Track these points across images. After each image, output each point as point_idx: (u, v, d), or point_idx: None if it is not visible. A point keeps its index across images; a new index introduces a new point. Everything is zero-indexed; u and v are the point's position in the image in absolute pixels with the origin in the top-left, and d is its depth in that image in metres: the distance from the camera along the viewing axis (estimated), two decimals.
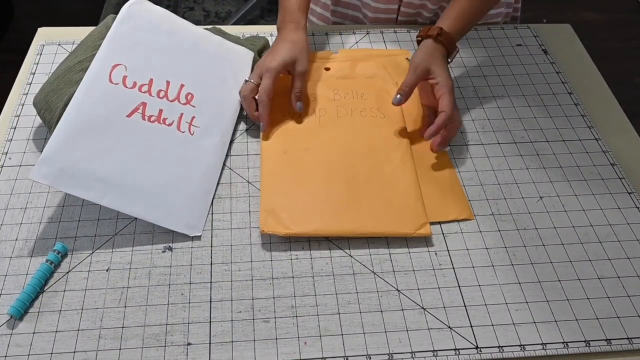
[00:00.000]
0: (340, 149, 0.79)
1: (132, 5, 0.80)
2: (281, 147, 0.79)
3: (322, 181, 0.75)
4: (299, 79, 0.82)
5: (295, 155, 0.78)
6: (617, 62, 2.17)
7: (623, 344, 0.63)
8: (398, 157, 0.78)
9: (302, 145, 0.79)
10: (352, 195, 0.73)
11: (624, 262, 0.70)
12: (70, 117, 0.70)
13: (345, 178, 0.75)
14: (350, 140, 0.80)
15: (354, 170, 0.76)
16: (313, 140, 0.80)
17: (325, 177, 0.75)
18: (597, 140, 0.83)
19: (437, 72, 0.78)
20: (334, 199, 0.73)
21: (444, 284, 0.67)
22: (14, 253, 0.68)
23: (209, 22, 2.31)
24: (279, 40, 0.84)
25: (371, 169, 0.76)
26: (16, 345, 0.61)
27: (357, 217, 0.71)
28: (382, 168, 0.77)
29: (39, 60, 0.91)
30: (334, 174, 0.76)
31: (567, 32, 1.01)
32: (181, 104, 0.78)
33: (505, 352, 0.62)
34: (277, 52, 0.81)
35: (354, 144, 0.79)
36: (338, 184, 0.75)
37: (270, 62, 0.80)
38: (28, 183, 0.75)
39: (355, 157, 0.78)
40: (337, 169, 0.76)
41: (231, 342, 0.62)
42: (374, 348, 0.62)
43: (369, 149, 0.79)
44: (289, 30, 0.84)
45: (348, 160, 0.77)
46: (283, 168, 0.77)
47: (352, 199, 0.73)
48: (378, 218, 0.71)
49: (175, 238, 0.70)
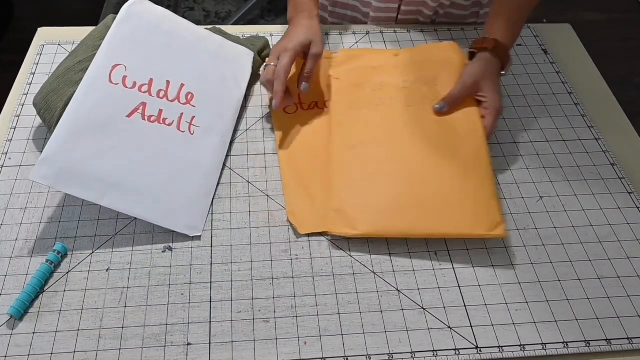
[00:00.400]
0: (410, 142, 0.75)
1: (132, 5, 0.80)
2: (348, 142, 0.76)
3: (391, 178, 0.72)
4: (312, 60, 0.80)
5: (364, 150, 0.75)
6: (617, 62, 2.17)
7: (623, 344, 0.63)
8: (471, 150, 0.74)
9: (370, 138, 0.76)
10: (423, 193, 0.70)
11: (624, 262, 0.70)
12: (70, 118, 0.70)
13: (415, 174, 0.72)
14: (420, 132, 0.76)
15: (425, 165, 0.73)
16: (381, 134, 0.76)
17: (394, 174, 0.72)
18: (597, 140, 0.83)
19: (487, 90, 0.77)
20: (403, 197, 0.70)
21: (444, 284, 0.67)
22: (14, 253, 0.68)
23: (209, 22, 2.31)
24: (293, 26, 0.83)
25: (443, 163, 0.73)
26: (16, 345, 0.61)
27: (427, 217, 0.69)
28: (454, 162, 0.73)
29: (39, 60, 0.91)
30: (403, 170, 0.72)
31: (567, 32, 1.01)
32: (181, 104, 0.78)
33: (505, 352, 0.62)
34: (293, 35, 0.80)
35: (424, 136, 0.76)
36: (407, 180, 0.71)
37: (287, 43, 0.79)
38: (28, 183, 0.75)
39: (425, 150, 0.74)
40: (407, 164, 0.73)
41: (231, 342, 0.62)
42: (374, 348, 0.62)
43: (440, 141, 0.75)
44: (302, 17, 0.83)
45: (419, 154, 0.74)
46: (352, 164, 0.74)
47: (423, 197, 0.70)
48: (449, 218, 0.68)
49: (175, 238, 0.70)
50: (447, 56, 0.85)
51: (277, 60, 0.79)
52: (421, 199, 0.70)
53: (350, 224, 0.69)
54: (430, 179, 0.72)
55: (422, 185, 0.71)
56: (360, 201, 0.71)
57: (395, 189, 0.71)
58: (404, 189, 0.71)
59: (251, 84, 0.88)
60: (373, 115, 0.80)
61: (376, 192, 0.71)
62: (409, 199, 0.70)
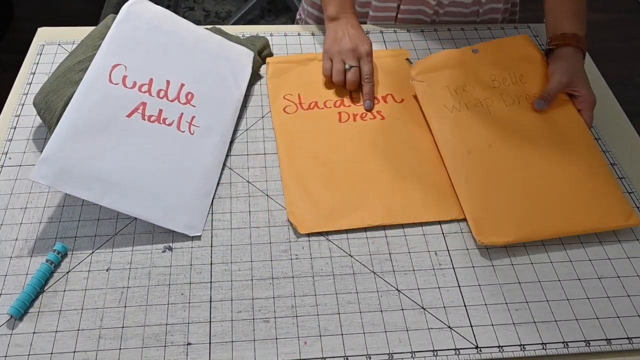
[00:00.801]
0: (523, 142, 0.75)
1: (132, 5, 0.80)
2: (461, 147, 0.75)
3: (517, 181, 0.72)
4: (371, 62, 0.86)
5: (480, 155, 0.75)
6: (617, 62, 2.17)
7: (623, 344, 0.63)
8: (583, 145, 0.75)
9: (484, 141, 0.75)
10: (550, 192, 0.71)
11: (624, 262, 0.70)
12: (70, 117, 0.70)
13: (537, 174, 0.72)
14: (529, 131, 0.76)
15: (543, 164, 0.73)
16: (492, 135, 0.76)
17: (518, 176, 0.72)
18: (597, 140, 0.83)
19: (580, 85, 0.80)
20: (534, 198, 0.70)
21: (444, 284, 0.67)
22: (14, 253, 0.68)
23: (209, 22, 2.31)
24: (349, 27, 0.88)
25: (560, 161, 0.73)
26: (16, 345, 0.61)
27: (562, 217, 0.69)
28: (571, 158, 0.73)
29: (39, 60, 0.91)
30: (525, 171, 0.73)
31: None
32: (181, 103, 0.78)
33: (505, 352, 0.62)
34: (358, 38, 0.87)
35: (534, 134, 0.76)
36: (532, 181, 0.72)
37: (363, 46, 0.85)
38: (28, 183, 0.75)
39: (540, 149, 0.74)
40: (526, 164, 0.73)
41: (231, 342, 0.62)
42: (374, 348, 0.62)
43: (551, 138, 0.76)
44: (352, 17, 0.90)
45: (534, 154, 0.74)
46: (472, 170, 0.73)
47: (552, 196, 0.70)
48: (584, 214, 0.69)
49: (175, 238, 0.70)
50: (526, 52, 0.87)
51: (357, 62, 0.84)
52: (555, 199, 0.71)
53: (498, 233, 0.68)
54: (553, 178, 0.73)
55: (550, 186, 0.72)
56: (500, 208, 0.70)
57: (523, 192, 0.72)
58: (536, 192, 0.72)
59: (251, 84, 0.88)
60: (475, 117, 0.79)
61: (511, 198, 0.71)
62: (544, 201, 0.71)
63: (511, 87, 0.83)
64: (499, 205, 0.71)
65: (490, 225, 0.69)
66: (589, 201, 0.71)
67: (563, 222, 0.70)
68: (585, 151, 0.75)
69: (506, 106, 0.80)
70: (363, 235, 0.71)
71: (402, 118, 0.83)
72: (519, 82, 0.83)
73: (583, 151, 0.75)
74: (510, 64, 0.86)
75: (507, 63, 0.86)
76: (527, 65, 0.85)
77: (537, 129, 0.78)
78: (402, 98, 0.86)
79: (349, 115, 0.83)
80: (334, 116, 0.83)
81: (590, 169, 0.74)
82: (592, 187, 0.72)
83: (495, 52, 0.87)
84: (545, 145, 0.76)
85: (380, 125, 0.82)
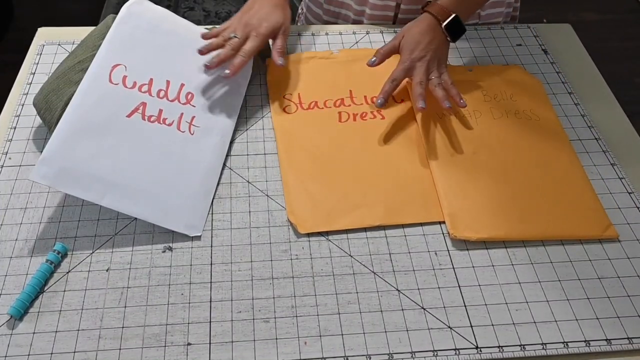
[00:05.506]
0: (507, 152, 0.79)
1: (132, 5, 0.80)
2: (446, 151, 0.78)
3: (497, 184, 0.75)
4: (285, 38, 0.83)
5: (464, 160, 0.78)
6: (617, 62, 2.17)
7: (623, 344, 0.63)
8: (566, 158, 0.78)
9: (470, 148, 0.79)
10: (530, 198, 0.74)
11: (624, 262, 0.70)
12: (70, 117, 0.70)
13: (518, 180, 0.75)
14: (514, 143, 0.80)
15: (525, 173, 0.76)
16: (478, 143, 0.80)
17: (499, 180, 0.75)
18: (597, 140, 0.83)
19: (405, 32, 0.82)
20: (513, 202, 0.73)
21: (444, 284, 0.67)
22: (14, 253, 0.68)
23: (209, 22, 2.31)
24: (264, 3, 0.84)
25: (543, 171, 0.77)
26: (16, 345, 0.61)
27: (539, 220, 0.71)
28: (553, 170, 0.77)
29: (39, 60, 0.91)
30: (506, 177, 0.76)
31: (567, 32, 1.01)
32: (181, 103, 0.78)
33: (505, 352, 0.62)
34: (267, 15, 0.82)
35: (518, 146, 0.80)
36: (512, 187, 0.75)
37: (260, 23, 0.81)
38: (28, 183, 0.75)
39: (523, 159, 0.78)
40: (509, 171, 0.76)
41: (231, 342, 0.62)
42: (374, 348, 0.62)
43: (534, 150, 0.79)
44: None
45: (517, 163, 0.77)
46: (453, 172, 0.76)
47: (531, 202, 0.73)
48: (559, 221, 0.72)
49: (175, 238, 0.70)
50: (520, 78, 0.90)
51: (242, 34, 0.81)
52: (533, 204, 0.73)
53: (472, 228, 0.70)
54: (534, 186, 0.75)
55: (529, 193, 0.75)
56: (472, 206, 0.72)
57: (503, 195, 0.74)
58: (517, 196, 0.74)
59: (251, 84, 0.88)
60: (462, 125, 0.82)
61: (485, 197, 0.74)
62: (523, 205, 0.73)
63: (502, 102, 0.86)
64: (475, 205, 0.73)
65: (465, 222, 0.71)
66: (567, 209, 0.73)
67: (540, 226, 0.71)
68: (569, 164, 0.78)
69: (494, 119, 0.83)
70: (363, 235, 0.71)
71: (402, 118, 0.83)
72: (509, 99, 0.86)
73: (566, 164, 0.78)
74: (503, 86, 0.89)
75: (500, 84, 0.89)
76: (520, 89, 0.88)
77: (523, 141, 0.81)
78: (402, 98, 0.86)
79: (349, 115, 0.84)
80: (334, 116, 0.83)
81: (572, 181, 0.76)
82: (574, 198, 0.74)
83: (489, 74, 0.90)
84: (529, 156, 0.79)
85: (380, 125, 0.83)
